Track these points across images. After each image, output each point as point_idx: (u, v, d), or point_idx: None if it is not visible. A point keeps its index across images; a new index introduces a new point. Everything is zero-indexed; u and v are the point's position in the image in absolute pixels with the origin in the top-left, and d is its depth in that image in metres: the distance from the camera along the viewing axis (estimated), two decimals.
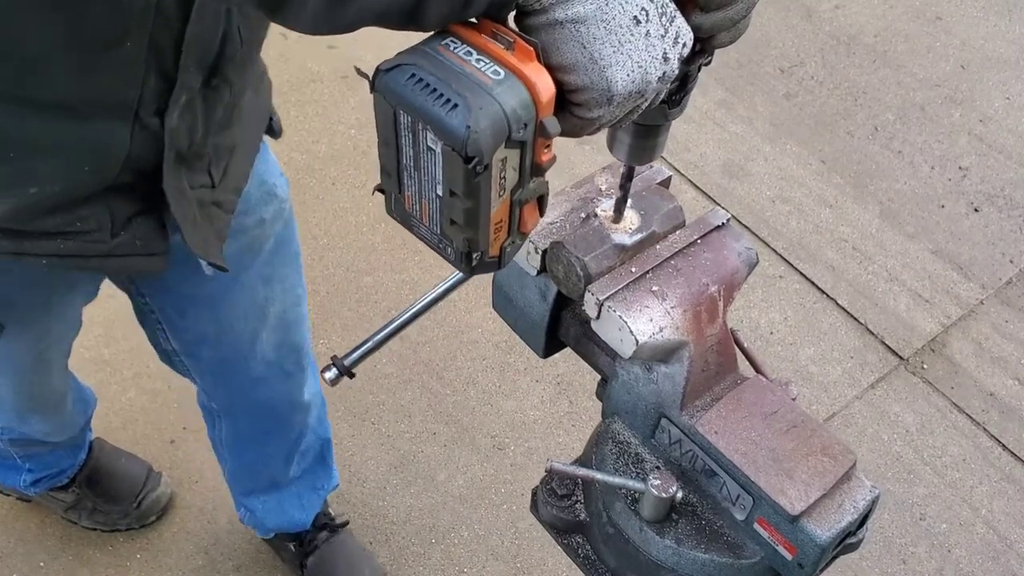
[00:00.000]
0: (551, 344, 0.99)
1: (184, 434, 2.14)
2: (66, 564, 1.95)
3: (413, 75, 0.62)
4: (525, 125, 0.63)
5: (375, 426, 2.20)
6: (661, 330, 0.82)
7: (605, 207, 0.89)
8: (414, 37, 0.66)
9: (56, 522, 1.99)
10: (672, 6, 0.66)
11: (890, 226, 2.72)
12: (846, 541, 0.85)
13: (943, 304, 2.54)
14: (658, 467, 0.91)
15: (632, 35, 0.64)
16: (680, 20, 0.67)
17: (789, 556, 0.82)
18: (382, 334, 1.03)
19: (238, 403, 1.62)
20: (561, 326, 0.97)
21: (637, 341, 0.81)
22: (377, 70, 0.64)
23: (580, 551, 1.00)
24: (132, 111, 0.93)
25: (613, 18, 0.63)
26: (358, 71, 0.66)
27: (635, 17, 0.64)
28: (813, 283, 2.56)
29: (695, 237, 0.88)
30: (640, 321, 0.81)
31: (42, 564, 1.95)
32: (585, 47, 0.63)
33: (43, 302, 1.23)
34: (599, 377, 0.98)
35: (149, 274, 1.13)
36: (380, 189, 0.74)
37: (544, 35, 0.64)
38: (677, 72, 0.69)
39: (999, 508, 2.16)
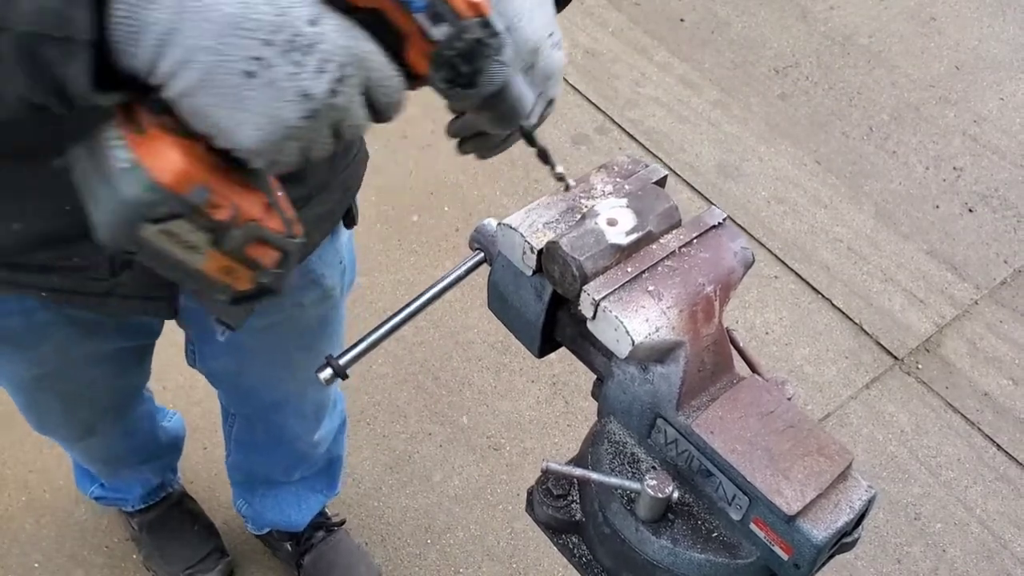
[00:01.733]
0: (546, 344, 0.99)
1: None
2: (61, 565, 1.95)
3: (78, 168, 0.67)
4: (164, 202, 0.65)
5: (370, 427, 2.20)
6: (657, 330, 0.82)
7: (601, 207, 0.89)
8: None
9: (51, 522, 1.99)
10: (312, 32, 0.60)
11: (885, 226, 2.73)
12: (842, 541, 0.85)
13: (937, 304, 2.55)
14: (654, 467, 0.91)
15: (248, 90, 0.60)
16: (326, 43, 0.61)
17: (785, 556, 0.82)
18: (377, 335, 1.03)
19: (254, 416, 1.62)
20: (557, 326, 0.97)
21: (633, 341, 0.81)
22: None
23: (576, 551, 1.00)
24: None
25: (221, 81, 0.59)
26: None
27: (245, 71, 0.59)
28: (808, 283, 2.56)
29: (691, 237, 0.88)
30: (636, 321, 0.81)
31: (37, 565, 1.95)
32: (206, 117, 0.61)
33: (32, 330, 1.18)
34: (595, 377, 0.98)
35: (153, 317, 1.09)
36: None
37: (178, 110, 0.62)
38: (345, 94, 0.64)
39: (993, 508, 2.17)
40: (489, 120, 0.76)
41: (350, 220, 1.26)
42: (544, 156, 0.83)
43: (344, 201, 1.23)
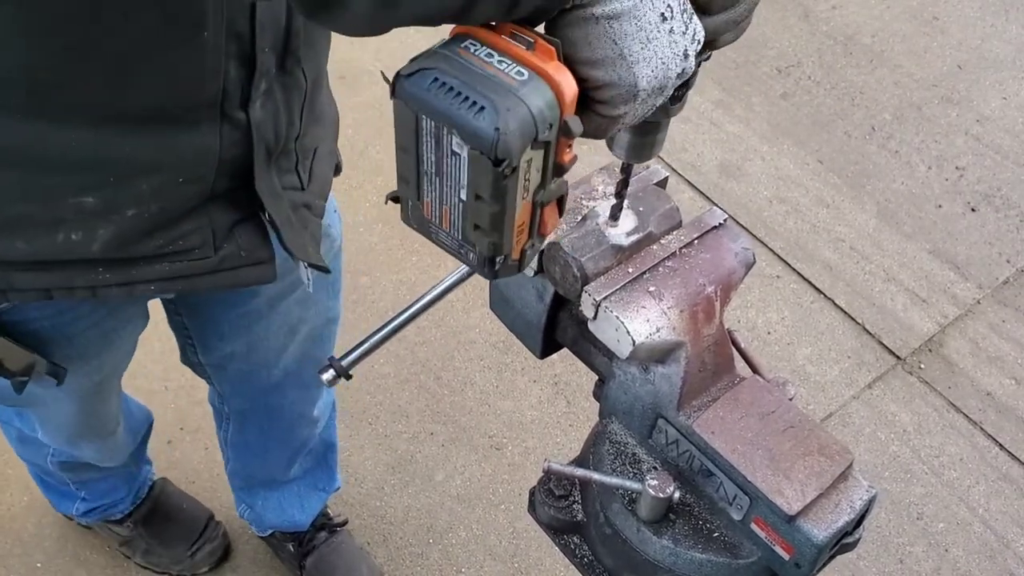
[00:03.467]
0: (548, 345, 0.99)
1: (181, 434, 2.14)
2: (63, 565, 1.95)
3: (436, 79, 0.61)
4: (550, 125, 0.63)
5: (372, 426, 2.20)
6: (658, 331, 0.82)
7: (602, 208, 0.89)
8: (418, 39, 0.66)
9: (53, 523, 1.99)
10: (689, 4, 0.67)
11: (887, 226, 2.72)
12: (843, 541, 0.85)
13: (940, 304, 2.55)
14: (655, 467, 0.91)
15: (659, 32, 0.65)
16: (696, 18, 0.68)
17: (786, 556, 0.83)
18: (379, 336, 1.03)
19: (250, 409, 1.62)
20: (558, 327, 0.97)
21: (634, 342, 0.81)
22: (397, 75, 0.63)
23: (577, 551, 1.00)
24: (218, 107, 0.91)
25: (644, 15, 0.64)
26: (384, 76, 0.65)
27: (662, 14, 0.64)
28: (810, 283, 2.56)
29: (692, 237, 0.88)
30: (637, 322, 0.81)
31: (39, 565, 1.95)
32: (616, 43, 0.64)
33: (101, 336, 1.21)
34: (596, 377, 0.98)
35: (257, 284, 1.09)
36: (395, 198, 0.72)
37: (576, 30, 0.64)
38: (693, 69, 0.69)
39: (996, 507, 2.17)
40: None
41: (337, 168, 1.27)
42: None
43: (335, 140, 1.25)
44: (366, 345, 1.02)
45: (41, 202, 0.91)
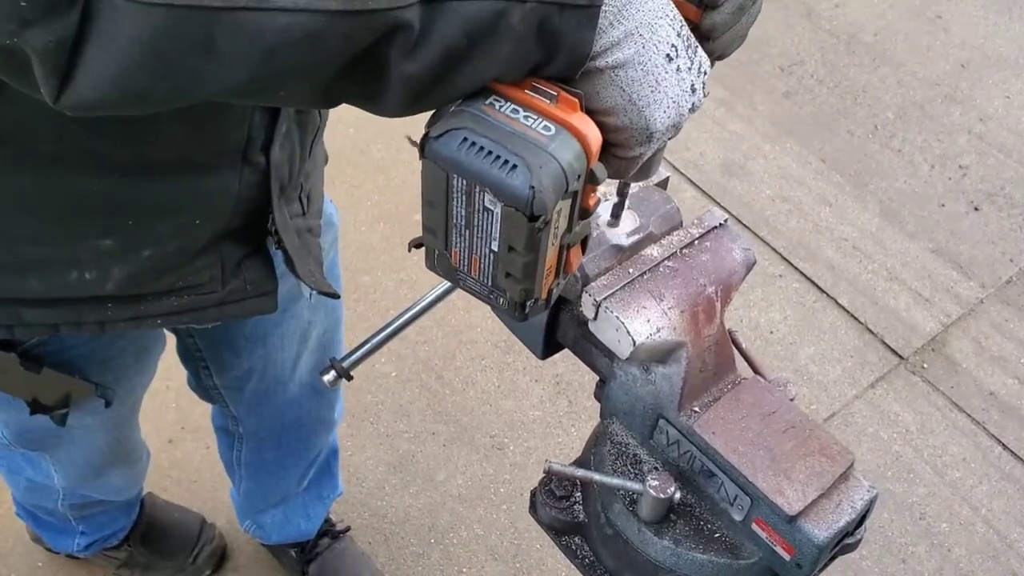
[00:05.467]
0: (550, 345, 0.99)
1: (182, 434, 2.14)
2: (64, 564, 1.95)
3: (465, 139, 0.62)
4: (579, 176, 0.63)
5: (374, 426, 2.20)
6: (658, 331, 0.82)
7: (603, 208, 0.89)
8: None
9: None
10: (692, 37, 0.67)
11: (890, 225, 2.72)
12: (844, 541, 0.85)
13: (943, 303, 2.54)
14: (656, 468, 0.91)
15: (666, 73, 0.65)
16: (700, 49, 0.68)
17: (787, 556, 0.82)
18: (380, 336, 1.03)
19: (267, 427, 1.59)
20: (559, 327, 0.97)
21: (634, 342, 0.81)
22: (426, 137, 0.64)
23: (579, 552, 1.00)
24: (240, 152, 0.91)
25: (649, 59, 0.64)
26: (410, 140, 0.66)
27: (667, 55, 0.65)
28: (813, 282, 2.56)
29: (692, 238, 0.88)
30: (637, 322, 0.81)
31: (40, 564, 1.95)
32: (624, 90, 0.64)
33: (134, 357, 1.21)
34: (597, 377, 0.98)
35: (260, 314, 1.10)
36: (418, 244, 0.73)
37: (584, 84, 0.64)
38: (703, 101, 0.70)
39: (999, 507, 2.16)
40: None
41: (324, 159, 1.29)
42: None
43: (321, 143, 1.26)
44: (367, 346, 1.02)
45: (59, 244, 0.91)
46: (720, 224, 0.90)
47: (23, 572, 1.94)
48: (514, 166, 0.61)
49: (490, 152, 0.61)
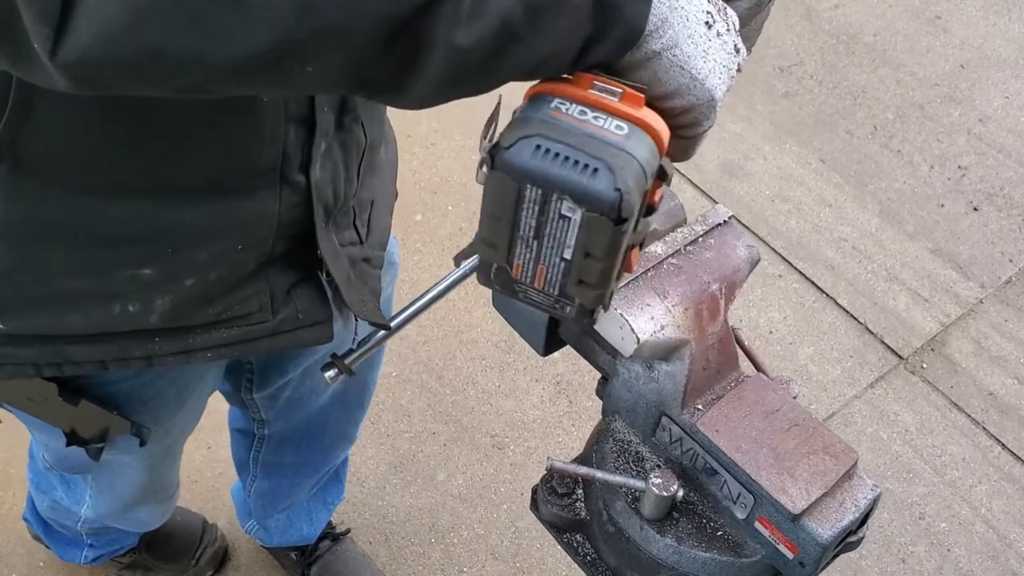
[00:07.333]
0: (551, 342, 0.99)
1: None
2: (65, 563, 1.95)
3: (539, 146, 0.59)
4: (653, 172, 0.62)
5: (374, 426, 2.20)
6: (662, 328, 0.82)
7: None
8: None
9: None
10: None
11: (889, 225, 2.72)
12: (847, 540, 0.85)
13: (942, 303, 2.54)
14: (659, 465, 0.90)
15: (710, 41, 0.65)
16: (728, 8, 0.68)
17: (790, 555, 0.82)
18: (381, 334, 1.03)
19: (292, 430, 1.57)
20: (561, 324, 0.97)
21: (638, 339, 0.81)
22: (496, 147, 0.61)
23: (580, 550, 1.00)
24: (277, 171, 0.88)
25: (694, 31, 0.64)
26: (483, 159, 0.63)
27: (706, 23, 0.65)
28: (812, 282, 2.56)
29: (696, 235, 0.88)
30: (641, 319, 0.81)
31: (42, 564, 1.95)
32: (684, 68, 0.63)
33: (175, 396, 1.17)
34: (599, 376, 0.97)
35: (315, 344, 1.06)
36: (462, 257, 0.72)
37: (642, 72, 0.63)
38: (747, 56, 0.70)
39: (998, 507, 2.16)
40: None
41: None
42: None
43: (395, 182, 1.23)
44: (369, 344, 1.02)
45: (96, 275, 0.89)
46: (724, 221, 0.90)
47: (24, 572, 1.94)
48: (595, 170, 0.58)
49: (567, 157, 0.59)
